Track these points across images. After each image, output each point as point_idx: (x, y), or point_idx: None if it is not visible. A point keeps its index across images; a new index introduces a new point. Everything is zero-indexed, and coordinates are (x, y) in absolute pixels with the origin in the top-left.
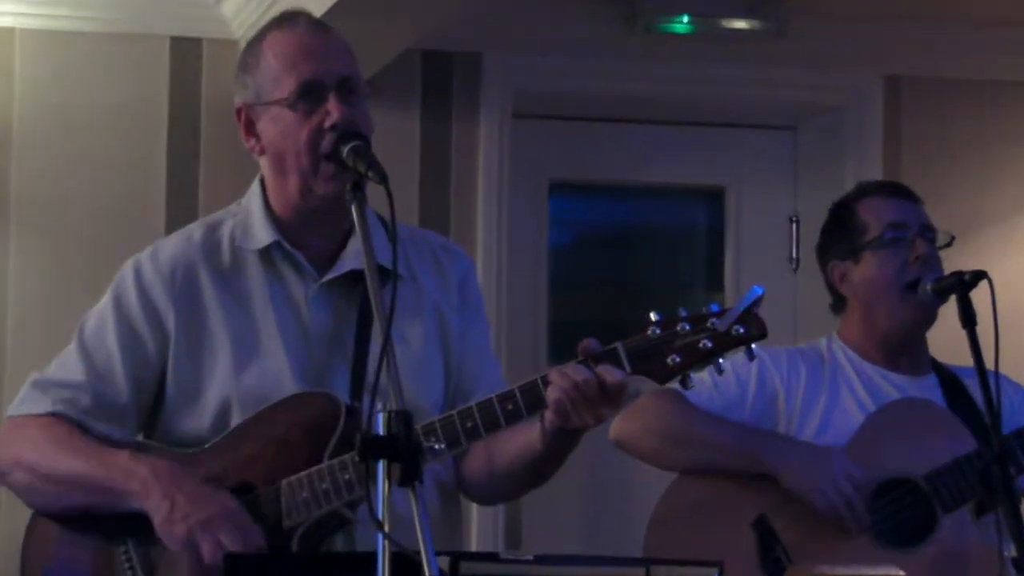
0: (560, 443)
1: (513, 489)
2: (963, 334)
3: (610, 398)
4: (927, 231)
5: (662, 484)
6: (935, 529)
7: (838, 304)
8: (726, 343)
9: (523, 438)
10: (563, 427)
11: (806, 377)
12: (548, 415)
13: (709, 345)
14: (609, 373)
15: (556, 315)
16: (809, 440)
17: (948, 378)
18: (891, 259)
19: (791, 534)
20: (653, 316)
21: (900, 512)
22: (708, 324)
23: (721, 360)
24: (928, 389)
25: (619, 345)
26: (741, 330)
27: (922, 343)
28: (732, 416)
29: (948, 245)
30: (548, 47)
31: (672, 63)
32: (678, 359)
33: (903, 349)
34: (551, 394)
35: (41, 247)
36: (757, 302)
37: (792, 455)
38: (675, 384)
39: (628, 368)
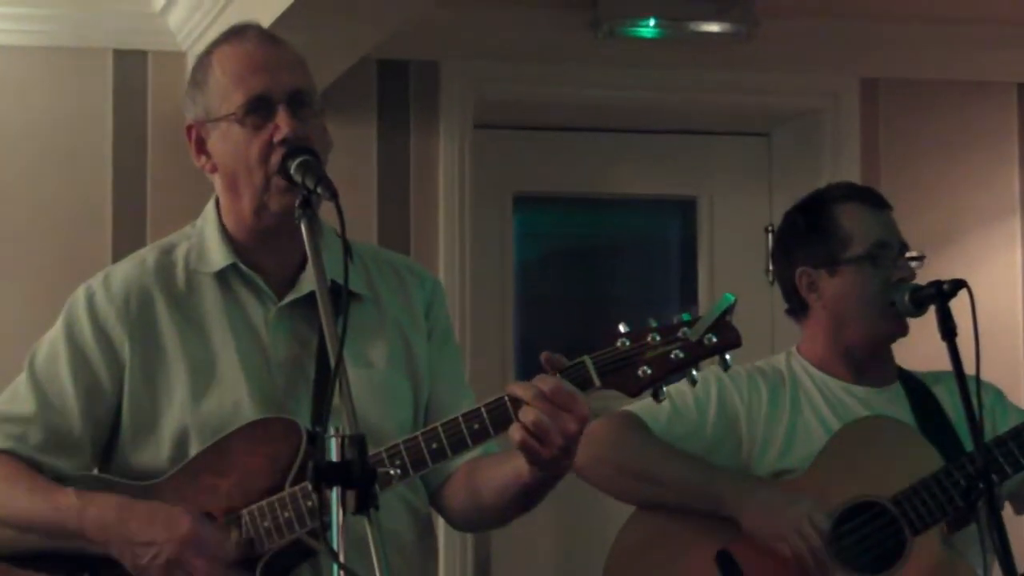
0: (549, 470)
1: (502, 518)
2: (942, 343)
3: (571, 412)
4: (904, 248)
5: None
6: (904, 552)
7: (799, 310)
8: (698, 353)
9: (510, 467)
10: (539, 456)
11: (767, 398)
12: (518, 450)
13: (681, 355)
14: (550, 383)
15: (523, 333)
16: (773, 462)
17: (915, 387)
18: (874, 277)
19: (755, 568)
20: (622, 327)
21: (868, 537)
22: (679, 334)
23: (694, 371)
24: (894, 400)
25: (587, 358)
26: (714, 339)
27: (889, 353)
28: (692, 442)
29: (919, 260)
30: (509, 54)
31: (639, 69)
32: (649, 371)
33: (870, 361)
34: (526, 416)
35: None
36: (729, 310)
37: (754, 500)
38: (646, 397)
39: (598, 382)
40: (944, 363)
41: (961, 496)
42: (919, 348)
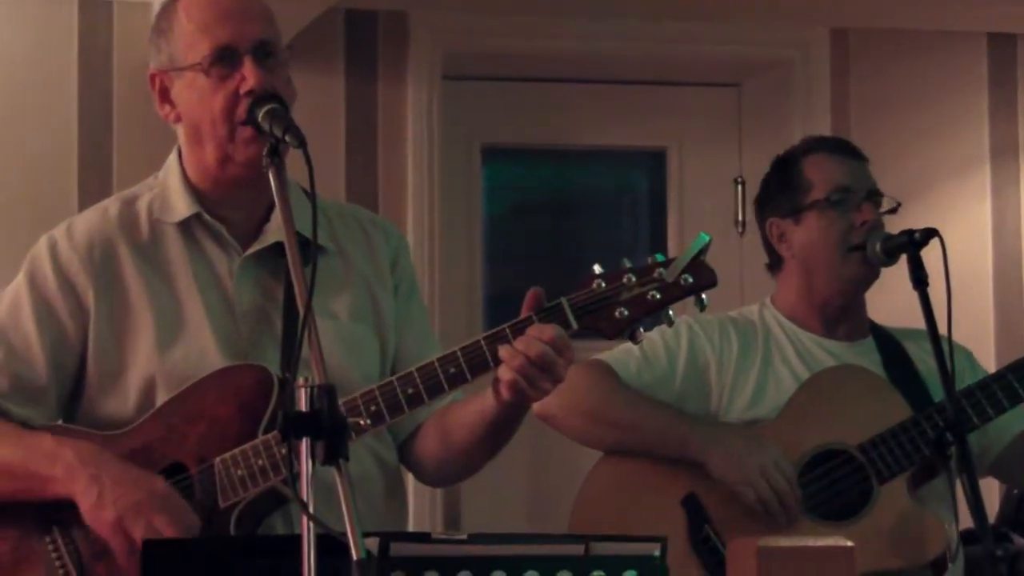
0: (514, 407)
1: (471, 462)
2: (914, 295)
3: (564, 358)
4: (873, 194)
5: None
6: (870, 501)
7: (775, 263)
8: (675, 293)
9: (475, 407)
10: (521, 402)
11: (738, 347)
12: (504, 393)
13: (658, 296)
14: (557, 332)
15: (492, 286)
16: (742, 411)
17: (887, 341)
18: (836, 222)
19: (721, 512)
20: (597, 269)
21: (834, 484)
22: (655, 274)
23: (671, 312)
24: (865, 354)
25: (563, 300)
26: (690, 279)
27: (860, 306)
28: (662, 390)
29: (893, 211)
30: (478, 4)
31: (608, 19)
32: (626, 312)
33: (841, 313)
34: (504, 375)
35: None
36: (704, 250)
37: (720, 444)
38: (624, 339)
39: (575, 324)
40: (914, 313)
41: (929, 446)
42: (889, 298)
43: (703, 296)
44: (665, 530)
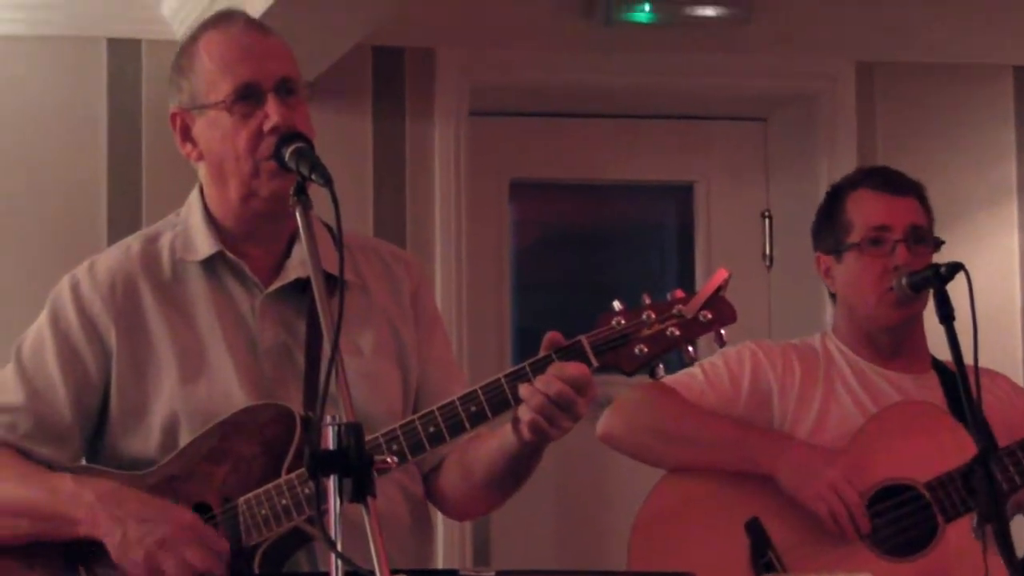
0: (535, 444)
1: (493, 497)
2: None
3: (585, 397)
4: (914, 231)
5: (635, 495)
6: (936, 538)
7: (832, 294)
8: (694, 330)
9: (496, 444)
10: (542, 441)
11: (800, 374)
12: (525, 432)
13: (676, 333)
14: (577, 371)
15: (521, 320)
16: (804, 438)
17: (948, 377)
18: (870, 266)
19: (785, 538)
20: (616, 306)
21: (899, 520)
22: (674, 311)
23: (691, 348)
24: (928, 388)
25: (583, 339)
26: (708, 315)
27: (918, 340)
28: (725, 414)
29: (936, 249)
30: (505, 40)
31: (635, 54)
32: (645, 349)
33: (894, 348)
34: (524, 415)
35: None
36: (723, 285)
37: (791, 456)
38: (644, 374)
39: (595, 362)
40: (944, 346)
41: (963, 483)
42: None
43: (722, 332)
44: (727, 553)
